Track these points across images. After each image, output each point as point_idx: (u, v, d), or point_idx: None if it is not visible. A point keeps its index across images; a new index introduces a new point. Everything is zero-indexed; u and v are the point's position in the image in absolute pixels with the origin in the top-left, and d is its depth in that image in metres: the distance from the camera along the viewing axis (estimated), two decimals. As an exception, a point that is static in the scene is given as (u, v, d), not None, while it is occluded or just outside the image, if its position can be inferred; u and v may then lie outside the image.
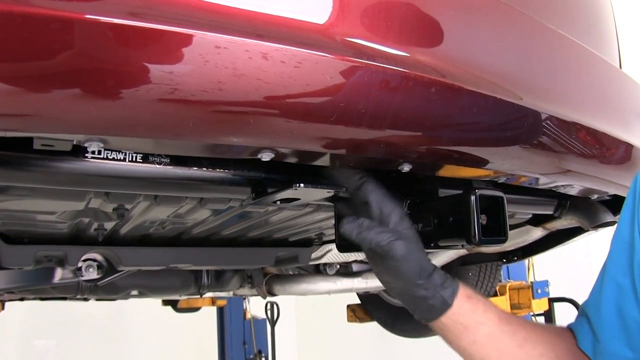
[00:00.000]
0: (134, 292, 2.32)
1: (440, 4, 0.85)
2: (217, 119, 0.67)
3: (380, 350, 6.66)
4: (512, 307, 2.53)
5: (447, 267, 2.29)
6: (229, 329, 5.11)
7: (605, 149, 1.23)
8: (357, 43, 0.72)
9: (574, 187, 1.31)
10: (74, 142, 0.69)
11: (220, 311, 5.13)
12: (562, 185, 1.29)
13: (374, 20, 0.74)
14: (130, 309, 5.44)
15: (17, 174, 0.75)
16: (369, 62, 0.72)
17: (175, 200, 1.04)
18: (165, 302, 4.19)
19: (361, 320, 2.95)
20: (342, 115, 0.72)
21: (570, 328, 1.04)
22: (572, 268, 4.08)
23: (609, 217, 1.53)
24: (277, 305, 5.23)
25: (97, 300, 2.65)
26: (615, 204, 1.54)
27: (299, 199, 0.96)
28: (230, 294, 2.81)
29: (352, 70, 0.70)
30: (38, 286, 1.71)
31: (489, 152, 1.00)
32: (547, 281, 2.63)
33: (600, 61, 1.23)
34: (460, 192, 1.02)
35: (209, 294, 2.55)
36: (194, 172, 0.87)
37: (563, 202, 1.52)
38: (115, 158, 0.80)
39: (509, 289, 2.58)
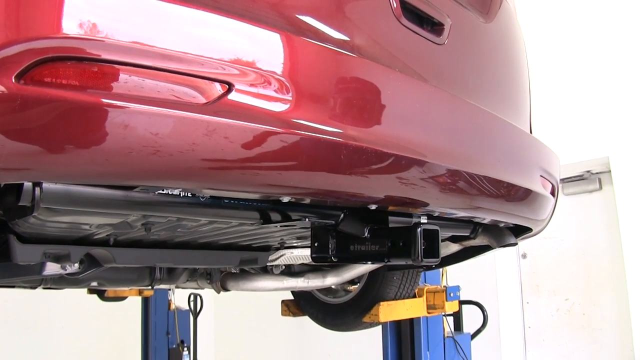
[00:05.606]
0: (94, 284, 2.50)
1: (371, 91, 1.16)
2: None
3: (291, 343, 6.99)
4: (429, 307, 2.93)
5: (376, 272, 2.66)
6: (153, 319, 5.14)
7: (512, 193, 1.63)
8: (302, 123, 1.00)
9: (486, 218, 1.71)
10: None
11: (145, 301, 5.15)
12: (478, 217, 1.69)
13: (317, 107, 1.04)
14: (49, 297, 5.32)
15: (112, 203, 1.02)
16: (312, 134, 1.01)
17: (195, 220, 1.33)
18: (91, 291, 4.09)
19: (294, 314, 3.23)
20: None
21: None
22: (479, 276, 4.68)
23: (512, 240, 1.96)
24: (200, 297, 5.32)
25: (44, 289, 2.77)
26: (516, 230, 1.98)
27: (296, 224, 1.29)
28: (173, 286, 2.99)
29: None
30: (27, 278, 1.91)
31: (428, 197, 1.37)
32: (458, 286, 3.05)
33: (512, 128, 1.62)
34: (407, 221, 1.38)
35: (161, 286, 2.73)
36: (224, 203, 1.18)
37: (477, 226, 1.93)
38: (174, 194, 1.08)
39: (426, 292, 2.96)
